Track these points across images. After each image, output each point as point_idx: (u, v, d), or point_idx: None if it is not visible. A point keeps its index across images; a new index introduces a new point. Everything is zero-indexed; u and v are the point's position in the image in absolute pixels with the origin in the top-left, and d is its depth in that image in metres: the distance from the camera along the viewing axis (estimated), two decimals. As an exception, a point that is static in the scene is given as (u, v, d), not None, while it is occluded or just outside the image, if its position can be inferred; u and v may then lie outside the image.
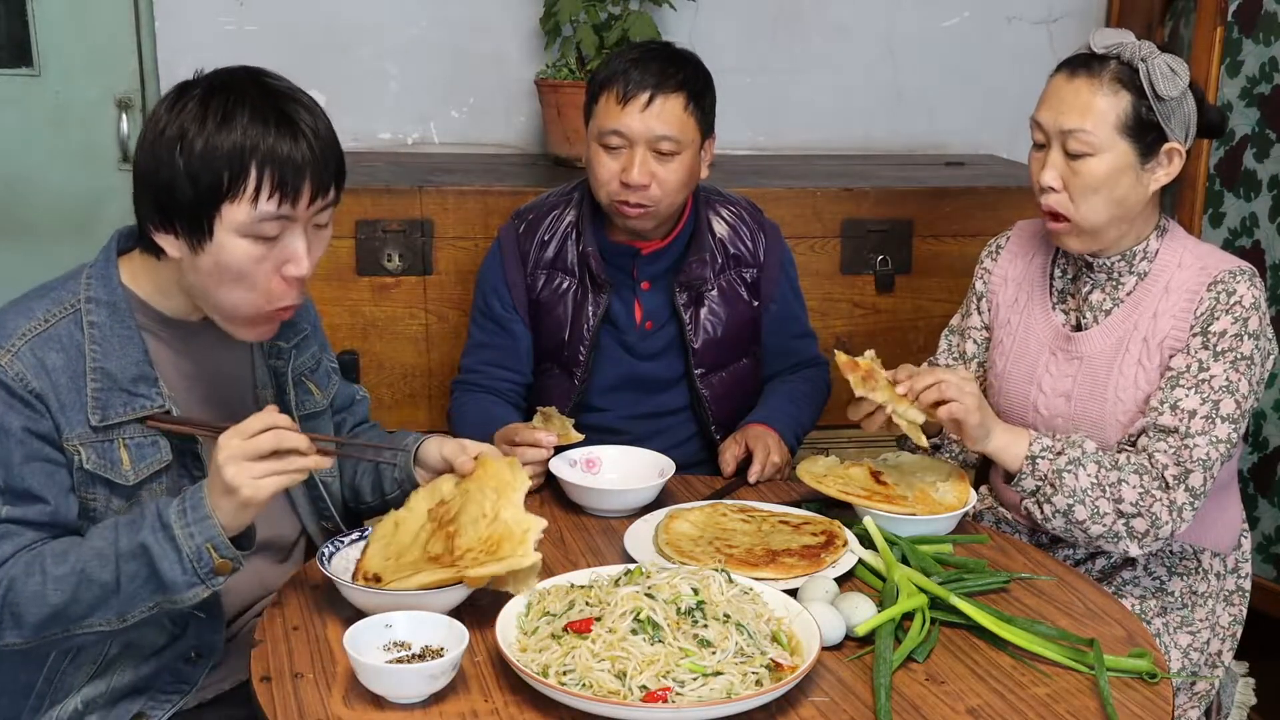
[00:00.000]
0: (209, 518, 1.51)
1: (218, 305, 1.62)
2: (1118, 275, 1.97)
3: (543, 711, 1.40)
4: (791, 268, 2.39)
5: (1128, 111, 1.87)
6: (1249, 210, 3.09)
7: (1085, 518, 1.84)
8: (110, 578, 1.52)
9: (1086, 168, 1.88)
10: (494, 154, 3.36)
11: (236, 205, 1.53)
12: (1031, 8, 3.57)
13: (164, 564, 1.51)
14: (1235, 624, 2.04)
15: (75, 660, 1.66)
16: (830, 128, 3.54)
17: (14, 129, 3.25)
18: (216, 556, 1.51)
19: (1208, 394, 1.85)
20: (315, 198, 1.57)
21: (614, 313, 2.28)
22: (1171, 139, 1.89)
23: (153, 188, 1.56)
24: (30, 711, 1.67)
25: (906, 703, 1.45)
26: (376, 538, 1.67)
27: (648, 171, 2.12)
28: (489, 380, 2.30)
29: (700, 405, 2.33)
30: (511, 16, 3.32)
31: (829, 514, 1.90)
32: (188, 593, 1.53)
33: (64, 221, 3.32)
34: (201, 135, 1.52)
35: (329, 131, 1.60)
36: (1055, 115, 1.90)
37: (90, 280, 1.64)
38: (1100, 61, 1.89)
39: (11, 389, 1.55)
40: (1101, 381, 1.96)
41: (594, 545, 1.86)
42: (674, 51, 2.19)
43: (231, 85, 1.56)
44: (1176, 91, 1.86)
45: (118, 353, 1.61)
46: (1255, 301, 1.89)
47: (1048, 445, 1.86)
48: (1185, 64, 1.89)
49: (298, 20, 3.24)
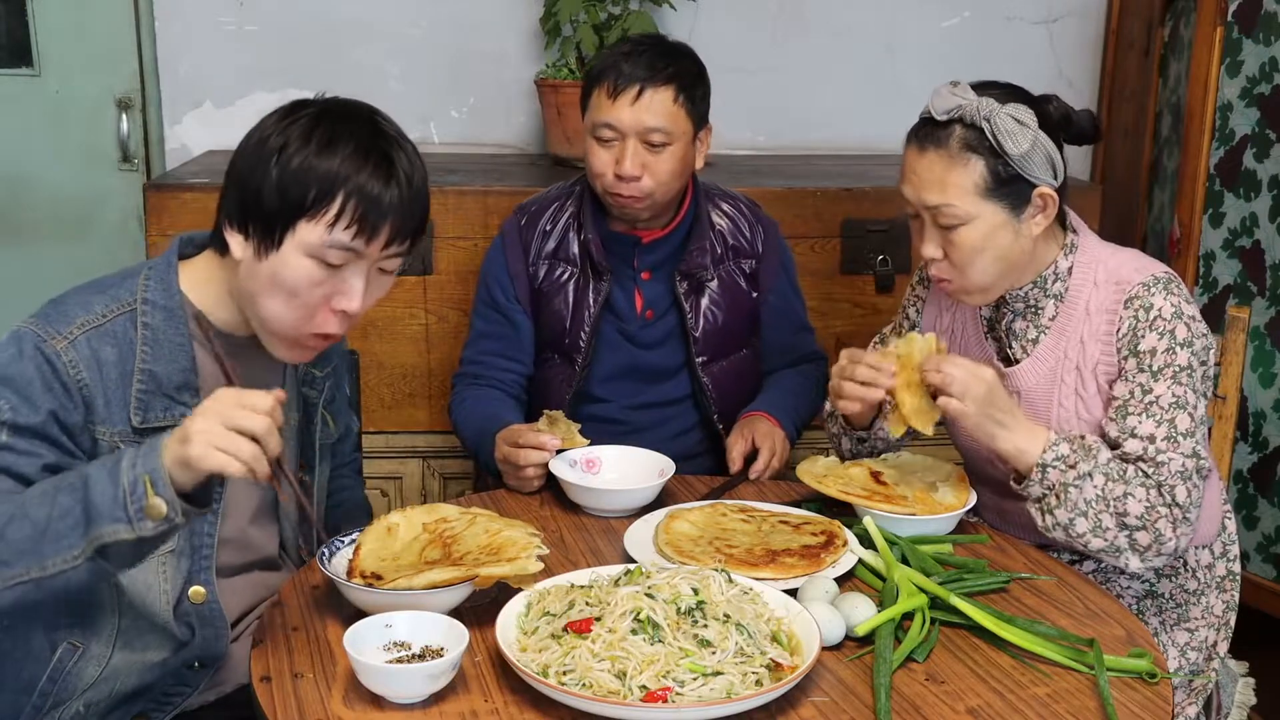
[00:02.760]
0: (156, 453, 1.44)
1: (260, 314, 1.62)
2: (1034, 302, 1.93)
3: (543, 711, 1.40)
4: (789, 263, 2.41)
5: (984, 175, 1.81)
6: (1249, 210, 3.09)
7: (1086, 530, 1.80)
8: (44, 515, 1.45)
9: (960, 238, 1.84)
10: (494, 154, 3.36)
11: (313, 225, 1.55)
12: (1031, 8, 3.57)
13: (96, 491, 1.43)
14: (1229, 610, 2.02)
15: (80, 663, 1.66)
16: (830, 128, 3.54)
17: (14, 129, 3.26)
18: (152, 493, 1.42)
19: (1160, 415, 1.82)
20: (390, 242, 1.59)
21: (615, 301, 2.30)
22: (1040, 184, 1.83)
23: (241, 188, 1.59)
24: (33, 710, 1.67)
25: (906, 703, 1.45)
26: (369, 539, 1.67)
27: (639, 163, 2.15)
28: (490, 371, 2.31)
29: (702, 395, 2.34)
30: (511, 16, 3.32)
31: (829, 514, 1.90)
32: (108, 526, 1.42)
33: (64, 221, 3.32)
34: (301, 153, 1.55)
35: (423, 184, 1.62)
36: (917, 191, 1.86)
37: (149, 282, 1.65)
38: (945, 129, 1.83)
39: (59, 372, 1.56)
40: (1043, 415, 1.92)
41: (594, 545, 1.86)
42: (667, 45, 2.22)
43: (344, 115, 1.60)
44: (1027, 144, 1.80)
45: (166, 358, 1.62)
46: (1176, 309, 1.83)
47: (1063, 455, 1.80)
48: (1027, 108, 1.82)
49: (298, 20, 3.25)
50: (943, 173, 1.83)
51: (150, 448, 1.46)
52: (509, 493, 2.06)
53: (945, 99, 1.84)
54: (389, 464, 2.91)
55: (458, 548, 1.64)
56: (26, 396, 1.54)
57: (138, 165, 3.32)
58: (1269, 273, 3.07)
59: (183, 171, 3.01)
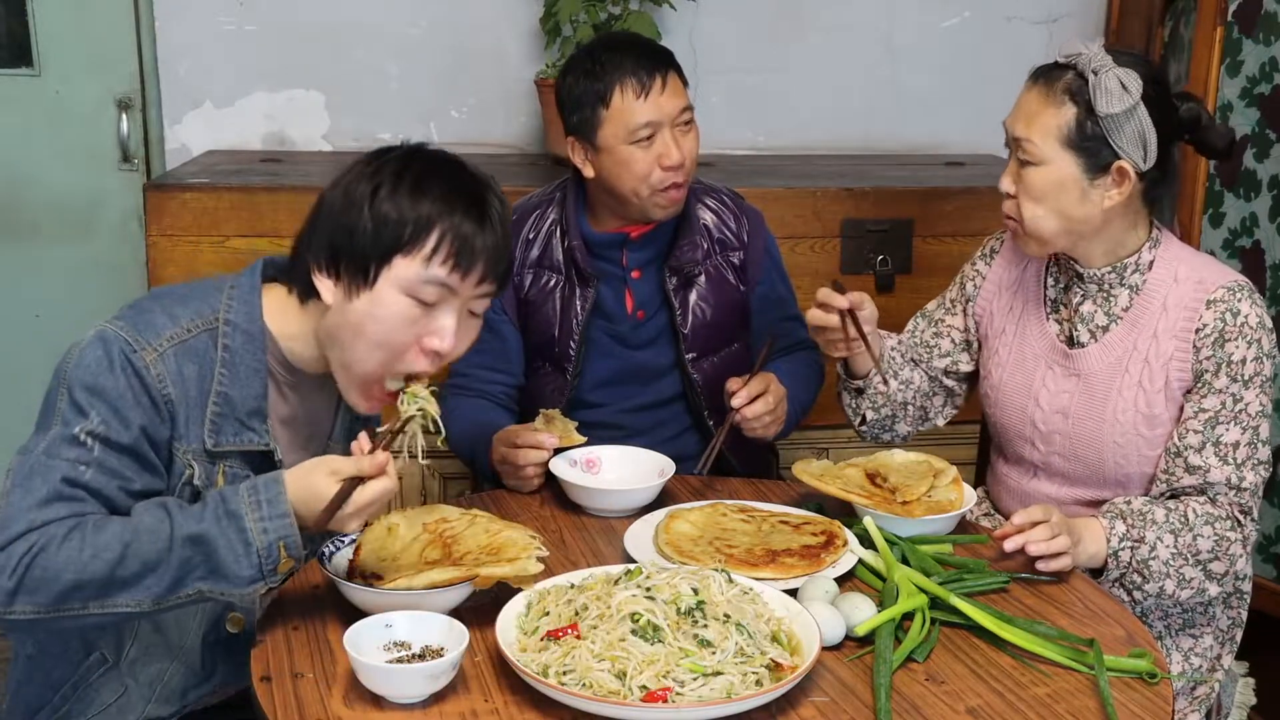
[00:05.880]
0: (287, 515, 1.49)
1: (348, 357, 1.61)
2: (1109, 287, 1.94)
3: (543, 711, 1.40)
4: (775, 251, 2.40)
5: (1070, 125, 1.83)
6: (1249, 210, 3.09)
7: (1174, 589, 1.86)
8: (157, 556, 1.48)
9: (1030, 177, 1.87)
10: (494, 154, 3.36)
11: (409, 260, 1.56)
12: (1031, 8, 3.57)
13: (227, 555, 1.48)
14: (1235, 626, 2.03)
15: (102, 678, 1.66)
16: (830, 128, 3.54)
17: (14, 129, 3.25)
18: (285, 554, 1.50)
19: (1246, 422, 1.86)
20: (483, 280, 1.60)
21: (604, 305, 2.28)
22: (1123, 157, 1.84)
23: (332, 229, 1.58)
24: (52, 710, 1.68)
25: (906, 703, 1.45)
26: (369, 540, 1.67)
27: (680, 148, 2.16)
28: (480, 384, 2.29)
29: (693, 392, 2.33)
30: (511, 16, 3.32)
31: (829, 514, 1.90)
32: (248, 588, 1.50)
33: (64, 221, 3.32)
34: (396, 194, 1.56)
35: (508, 221, 1.64)
36: (1013, 121, 1.90)
37: (232, 302, 1.64)
38: (1059, 70, 1.86)
39: (149, 387, 1.56)
40: (1100, 401, 1.94)
41: (594, 545, 1.86)
42: (634, 36, 2.27)
43: (432, 159, 1.62)
44: (1120, 108, 1.80)
45: (242, 382, 1.62)
46: (1260, 319, 1.87)
47: (1124, 534, 1.83)
48: (1138, 77, 1.82)
49: (298, 20, 3.25)
50: (1037, 109, 1.86)
51: (273, 504, 1.49)
52: (509, 493, 2.06)
53: (1073, 44, 1.86)
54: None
55: (458, 548, 1.64)
56: (118, 410, 1.54)
57: (138, 165, 3.32)
58: (1269, 273, 3.07)
59: (183, 171, 3.01)
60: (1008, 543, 1.75)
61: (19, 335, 3.34)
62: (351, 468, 1.50)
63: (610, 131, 2.15)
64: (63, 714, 1.68)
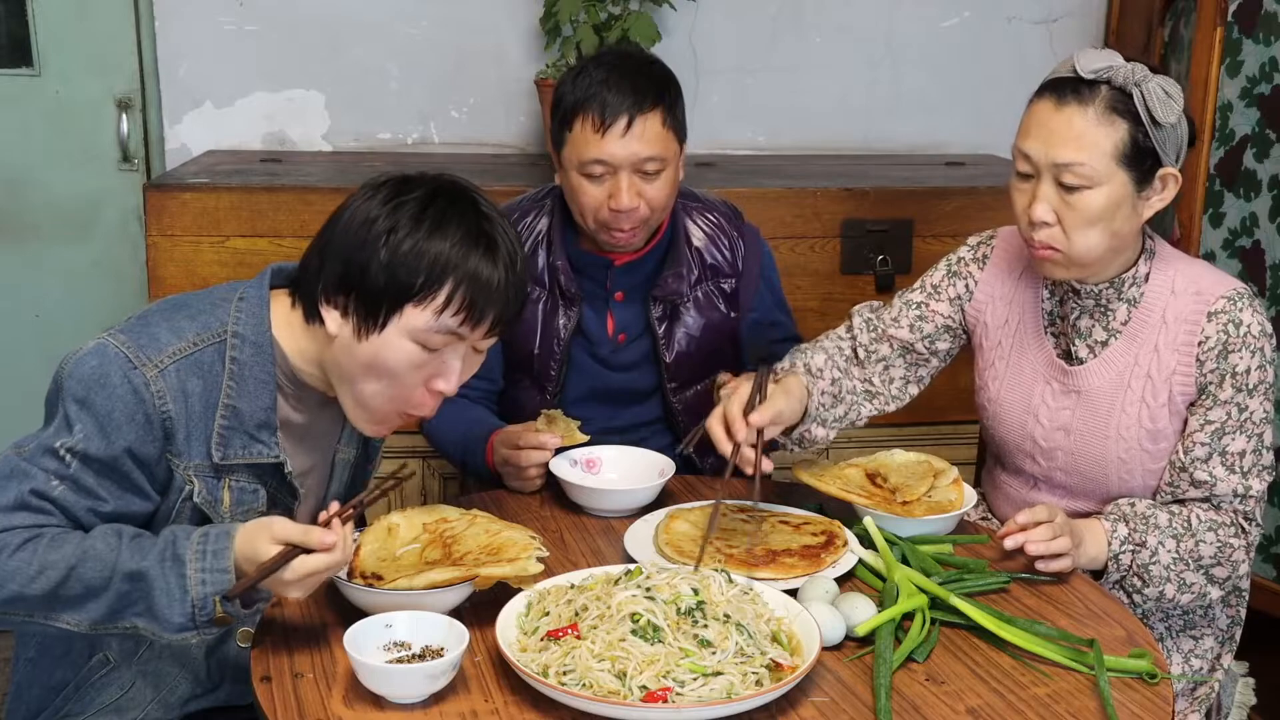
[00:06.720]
0: (228, 571, 1.47)
1: (355, 393, 1.61)
2: (1106, 302, 1.91)
3: (543, 711, 1.40)
4: (772, 273, 2.31)
5: (1125, 141, 1.77)
6: (1249, 210, 3.09)
7: (1174, 593, 1.86)
8: (98, 584, 1.48)
9: (1084, 201, 1.78)
10: (494, 154, 3.36)
11: (420, 310, 1.54)
12: (1031, 8, 3.57)
13: (163, 598, 1.47)
14: (1234, 625, 2.03)
15: (105, 678, 1.67)
16: (830, 128, 3.54)
17: (14, 129, 3.25)
18: (219, 610, 1.48)
19: (1251, 430, 1.86)
20: (493, 329, 1.59)
21: (586, 324, 2.21)
22: (1166, 164, 1.81)
23: (345, 261, 1.56)
24: (52, 711, 1.68)
25: (906, 703, 1.45)
26: (369, 540, 1.67)
27: (635, 194, 2.03)
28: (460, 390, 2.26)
29: (673, 419, 2.28)
30: (511, 16, 3.32)
31: (829, 514, 1.90)
32: (177, 634, 1.49)
33: (64, 221, 3.32)
34: (412, 236, 1.54)
35: (522, 265, 1.61)
36: (1045, 147, 1.79)
37: (240, 314, 1.62)
38: (1090, 87, 1.78)
39: (145, 403, 1.54)
40: (1103, 418, 1.93)
41: (594, 545, 1.86)
42: (640, 62, 2.09)
43: (454, 201, 1.57)
44: (1174, 116, 1.78)
45: (251, 394, 1.61)
46: (1263, 327, 1.86)
47: (1125, 537, 1.83)
48: (1178, 84, 1.81)
49: (298, 20, 3.25)
50: (1083, 128, 1.77)
51: (217, 557, 1.47)
52: (509, 493, 2.06)
53: (1093, 58, 1.79)
54: (389, 464, 2.88)
55: (458, 548, 1.64)
56: (104, 428, 1.52)
57: (138, 165, 3.31)
58: (1269, 273, 3.07)
59: (183, 171, 3.01)
60: (1008, 540, 1.75)
61: (19, 335, 3.34)
62: (299, 536, 1.46)
63: (568, 153, 2.07)
64: (63, 714, 1.68)
